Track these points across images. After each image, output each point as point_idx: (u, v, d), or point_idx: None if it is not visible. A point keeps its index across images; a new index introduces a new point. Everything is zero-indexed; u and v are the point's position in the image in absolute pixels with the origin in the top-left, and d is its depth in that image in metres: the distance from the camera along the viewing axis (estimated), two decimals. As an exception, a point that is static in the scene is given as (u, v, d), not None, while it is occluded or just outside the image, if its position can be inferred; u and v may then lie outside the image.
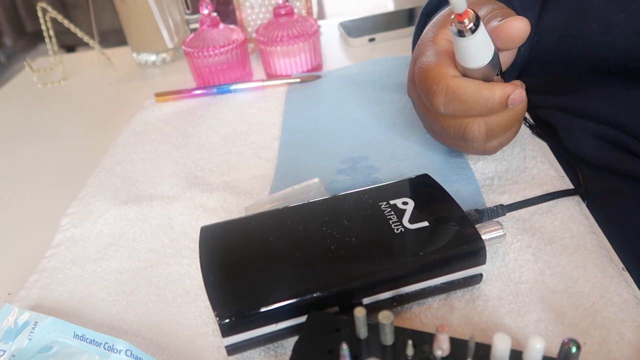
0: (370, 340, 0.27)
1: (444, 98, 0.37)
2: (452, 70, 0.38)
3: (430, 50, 0.40)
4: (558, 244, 0.36)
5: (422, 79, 0.39)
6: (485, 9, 0.41)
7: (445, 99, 0.37)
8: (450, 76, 0.37)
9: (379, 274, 0.31)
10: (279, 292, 0.30)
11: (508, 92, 0.36)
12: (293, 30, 0.64)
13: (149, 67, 0.78)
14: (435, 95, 0.37)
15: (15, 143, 0.63)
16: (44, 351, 0.32)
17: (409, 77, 0.44)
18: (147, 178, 0.50)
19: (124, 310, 0.36)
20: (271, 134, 0.55)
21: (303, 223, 0.34)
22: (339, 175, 0.46)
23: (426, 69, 0.39)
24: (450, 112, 0.38)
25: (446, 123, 0.39)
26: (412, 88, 0.43)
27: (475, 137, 0.38)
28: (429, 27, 0.44)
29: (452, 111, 0.37)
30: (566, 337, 0.24)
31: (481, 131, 0.38)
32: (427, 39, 0.42)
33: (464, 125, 0.38)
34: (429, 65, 0.39)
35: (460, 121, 0.38)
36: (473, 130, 0.38)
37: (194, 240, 0.41)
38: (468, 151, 0.44)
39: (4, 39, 2.76)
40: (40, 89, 0.77)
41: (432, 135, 0.45)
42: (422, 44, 0.42)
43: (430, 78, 0.38)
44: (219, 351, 0.32)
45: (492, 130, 0.38)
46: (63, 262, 0.41)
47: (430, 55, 0.40)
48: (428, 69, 0.39)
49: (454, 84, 0.37)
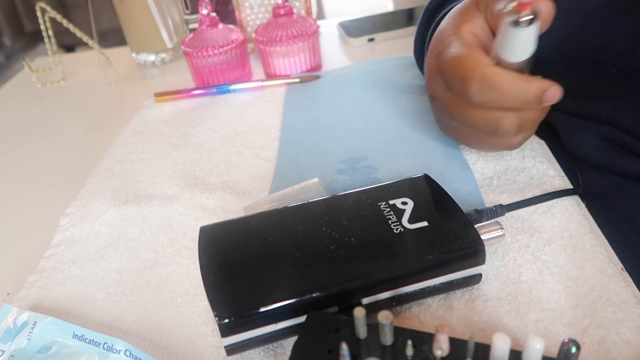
0: (370, 340, 0.27)
1: (479, 85, 0.36)
2: (487, 59, 0.37)
3: (457, 42, 0.40)
4: (557, 243, 0.36)
5: (455, 66, 0.38)
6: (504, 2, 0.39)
7: (480, 87, 0.36)
8: (486, 64, 0.37)
9: (378, 274, 0.31)
10: (279, 292, 0.30)
11: (545, 88, 0.35)
12: (292, 30, 0.64)
13: (148, 67, 0.78)
14: (470, 82, 0.36)
15: (14, 143, 0.63)
16: (43, 351, 0.32)
17: (430, 71, 0.43)
18: (146, 178, 0.50)
19: (123, 310, 0.36)
20: (270, 134, 0.55)
21: (302, 223, 0.34)
22: (339, 175, 0.46)
23: (459, 56, 0.38)
24: (483, 100, 0.37)
25: (476, 116, 0.39)
26: (435, 82, 0.42)
27: (508, 130, 0.38)
28: (447, 21, 0.43)
29: (485, 100, 0.37)
30: (566, 337, 0.24)
31: (514, 125, 0.37)
32: (449, 32, 0.41)
33: (496, 118, 0.38)
34: (461, 54, 0.38)
35: (493, 114, 0.38)
36: (506, 123, 0.37)
37: (193, 240, 0.41)
38: (489, 147, 0.43)
39: (3, 39, 2.76)
40: (39, 89, 0.77)
41: (448, 132, 0.45)
42: (444, 37, 0.42)
43: (465, 65, 0.37)
44: (218, 351, 0.32)
45: (522, 125, 0.38)
46: (62, 262, 0.41)
47: (458, 45, 0.39)
48: (461, 57, 0.38)
49: (490, 71, 0.36)
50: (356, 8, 1.07)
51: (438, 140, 0.48)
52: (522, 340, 0.30)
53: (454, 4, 0.46)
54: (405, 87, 0.59)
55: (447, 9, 0.47)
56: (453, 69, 0.38)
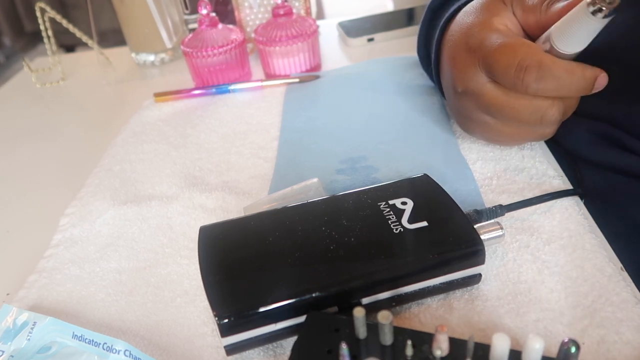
0: (370, 340, 0.27)
1: (537, 74, 0.36)
2: (540, 47, 0.37)
3: (497, 34, 0.39)
4: (556, 243, 0.36)
5: (508, 56, 0.37)
6: None
7: (539, 75, 0.36)
8: (542, 52, 0.36)
9: (378, 274, 0.31)
10: (278, 292, 0.30)
11: (597, 74, 0.36)
12: (292, 30, 0.64)
13: (148, 67, 0.78)
14: (529, 71, 0.36)
15: (13, 143, 0.63)
16: (42, 351, 0.32)
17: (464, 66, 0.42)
18: (145, 178, 0.50)
19: (123, 311, 0.36)
20: (270, 134, 0.55)
21: (302, 223, 0.34)
22: (338, 175, 0.46)
23: (511, 46, 0.37)
24: (541, 90, 0.36)
25: (522, 107, 0.38)
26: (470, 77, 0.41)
27: (555, 119, 0.38)
28: (471, 16, 0.42)
29: (543, 88, 0.36)
30: (566, 337, 0.24)
31: (560, 112, 0.37)
32: (480, 26, 0.41)
33: (544, 107, 0.37)
34: (512, 44, 0.37)
35: (539, 103, 0.37)
36: (553, 111, 0.37)
37: (192, 240, 0.41)
38: (523, 139, 0.43)
39: (3, 39, 2.76)
40: (39, 89, 0.77)
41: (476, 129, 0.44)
42: (474, 31, 0.41)
43: (520, 54, 0.36)
44: (218, 351, 0.32)
45: (565, 113, 0.38)
46: (62, 262, 0.41)
47: (502, 37, 0.38)
48: (513, 47, 0.37)
49: (548, 60, 0.36)
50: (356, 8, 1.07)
51: (438, 141, 0.48)
52: (522, 340, 0.30)
53: (458, 2, 0.46)
54: (405, 87, 0.59)
55: (454, 6, 0.46)
56: (504, 58, 0.37)
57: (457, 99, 0.44)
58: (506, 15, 0.41)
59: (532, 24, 0.40)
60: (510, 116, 0.40)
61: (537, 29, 0.39)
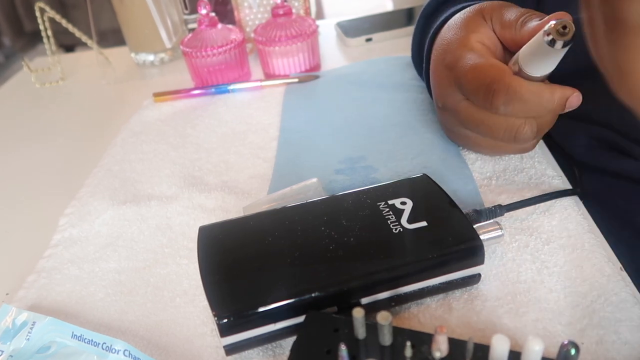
0: (369, 340, 0.27)
1: (506, 97, 0.36)
2: (509, 70, 0.37)
3: (471, 54, 0.40)
4: (556, 243, 0.36)
5: (478, 78, 0.38)
6: (516, 10, 0.40)
7: (507, 98, 0.36)
8: (509, 75, 0.37)
9: (377, 274, 0.31)
10: (278, 292, 0.30)
11: (567, 95, 0.36)
12: (291, 30, 0.64)
13: (147, 67, 0.78)
14: (497, 95, 0.36)
15: (13, 143, 0.63)
16: (42, 351, 0.32)
17: (441, 83, 0.43)
18: (145, 178, 0.50)
19: (122, 311, 0.36)
20: (269, 134, 0.55)
21: (301, 223, 0.34)
22: (337, 175, 0.46)
23: (480, 68, 0.38)
24: (509, 111, 0.37)
25: (496, 125, 0.39)
26: (447, 94, 0.42)
27: (528, 137, 0.38)
28: (451, 31, 0.43)
29: (511, 111, 0.37)
30: (565, 339, 0.24)
31: (533, 131, 0.38)
32: (457, 44, 0.41)
33: (516, 126, 0.38)
34: (482, 65, 0.38)
35: (512, 122, 0.38)
36: (526, 130, 0.38)
37: (192, 240, 0.41)
38: (503, 152, 0.44)
39: (3, 39, 2.75)
40: (38, 89, 0.77)
41: (459, 141, 0.45)
42: (452, 48, 0.41)
43: (489, 77, 0.37)
44: (217, 351, 0.32)
45: (540, 130, 0.38)
46: (61, 262, 0.41)
47: (475, 57, 0.39)
48: (483, 69, 0.38)
49: (516, 83, 0.36)
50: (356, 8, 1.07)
51: (437, 141, 0.48)
52: (521, 340, 0.30)
53: (450, 10, 0.46)
54: (404, 87, 0.59)
55: (445, 14, 0.46)
56: (474, 80, 0.38)
57: (439, 112, 0.46)
58: (484, 31, 0.41)
59: (508, 41, 0.40)
60: (486, 133, 0.40)
61: (514, 46, 0.40)
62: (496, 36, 0.41)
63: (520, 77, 0.37)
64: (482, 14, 0.41)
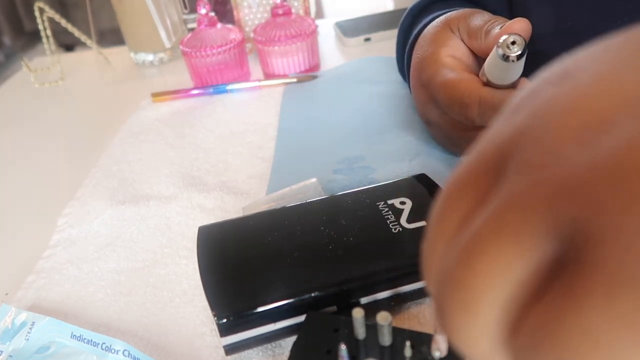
0: (369, 340, 0.27)
1: (479, 109, 0.37)
2: (478, 81, 0.38)
3: (442, 69, 0.40)
4: (555, 243, 0.36)
5: (450, 94, 0.39)
6: (480, 18, 0.40)
7: (480, 110, 0.37)
8: (479, 87, 0.37)
9: (377, 274, 0.31)
10: (277, 292, 0.30)
11: None
12: (291, 30, 0.64)
13: (147, 67, 0.78)
14: (470, 108, 0.37)
15: (12, 143, 0.63)
16: (41, 351, 0.32)
17: (421, 101, 0.44)
18: (144, 178, 0.50)
19: (122, 311, 0.36)
20: (268, 134, 0.54)
21: (301, 223, 0.34)
22: (336, 175, 0.46)
23: (451, 84, 0.39)
24: (486, 122, 0.37)
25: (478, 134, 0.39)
26: (428, 110, 0.43)
27: None
28: (422, 48, 0.43)
29: (487, 120, 0.37)
30: None
31: None
32: (428, 60, 0.42)
33: None
34: (453, 81, 0.39)
35: None
36: None
37: (191, 240, 0.41)
38: None
39: (3, 38, 2.75)
40: (37, 88, 0.77)
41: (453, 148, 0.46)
42: (424, 65, 0.42)
43: (460, 92, 0.38)
44: (217, 351, 0.32)
45: None
46: (60, 262, 0.41)
47: (447, 73, 0.40)
48: (454, 84, 0.38)
49: (486, 95, 0.37)
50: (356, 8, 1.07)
51: (436, 140, 0.48)
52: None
53: (422, 24, 0.47)
54: (403, 86, 0.59)
55: (417, 29, 0.47)
56: (448, 95, 0.39)
57: (427, 126, 0.47)
58: (453, 44, 0.41)
59: (477, 49, 0.41)
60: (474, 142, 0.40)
61: (483, 54, 0.40)
62: (466, 46, 0.41)
63: (490, 87, 0.37)
64: (449, 25, 0.42)
